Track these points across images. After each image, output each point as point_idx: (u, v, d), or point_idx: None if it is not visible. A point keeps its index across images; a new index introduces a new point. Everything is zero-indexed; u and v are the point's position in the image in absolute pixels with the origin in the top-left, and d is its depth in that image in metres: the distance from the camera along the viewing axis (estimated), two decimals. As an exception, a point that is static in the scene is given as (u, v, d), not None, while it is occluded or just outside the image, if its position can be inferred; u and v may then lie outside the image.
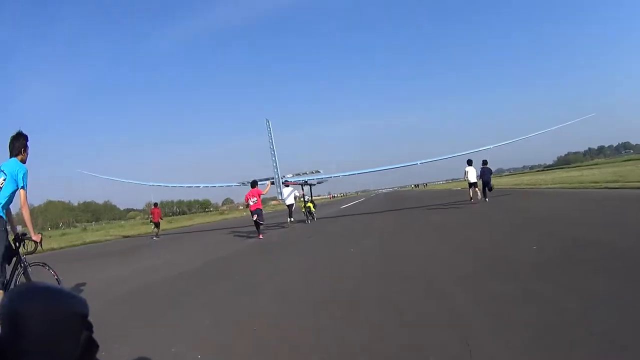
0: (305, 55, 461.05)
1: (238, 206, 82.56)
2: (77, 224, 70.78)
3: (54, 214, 70.73)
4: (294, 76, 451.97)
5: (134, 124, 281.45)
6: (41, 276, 3.87)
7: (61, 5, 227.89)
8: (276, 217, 21.36)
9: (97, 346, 0.52)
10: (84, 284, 5.97)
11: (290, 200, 14.63)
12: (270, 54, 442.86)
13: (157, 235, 15.96)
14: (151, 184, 20.28)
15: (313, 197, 16.26)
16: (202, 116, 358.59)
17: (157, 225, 15.98)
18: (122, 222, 63.80)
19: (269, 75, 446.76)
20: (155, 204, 16.77)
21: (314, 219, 14.89)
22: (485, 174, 13.45)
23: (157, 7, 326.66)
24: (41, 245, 3.66)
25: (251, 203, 10.69)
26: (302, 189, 15.53)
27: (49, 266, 4.12)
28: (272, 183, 13.62)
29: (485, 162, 13.76)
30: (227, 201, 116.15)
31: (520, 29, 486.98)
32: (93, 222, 73.30)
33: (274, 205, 59.30)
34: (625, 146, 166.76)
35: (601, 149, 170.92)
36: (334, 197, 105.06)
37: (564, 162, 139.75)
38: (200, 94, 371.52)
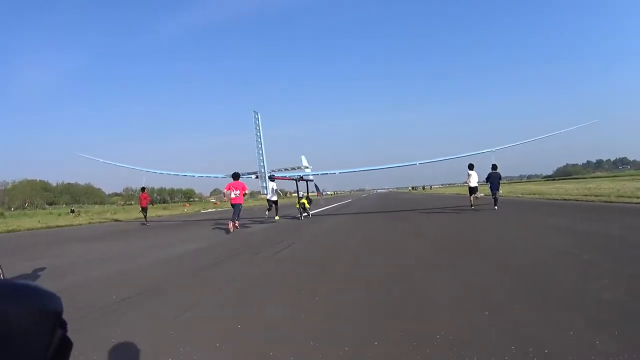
0: (303, 53, 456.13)
1: (210, 198, 77.91)
2: (47, 206, 66.18)
3: (22, 194, 65.72)
4: (287, 73, 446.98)
5: (126, 116, 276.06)
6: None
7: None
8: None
9: (71, 344, 0.46)
10: None
11: (274, 197, 14.23)
12: (264, 50, 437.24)
13: (146, 221, 15.70)
14: (146, 170, 19.74)
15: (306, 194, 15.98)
16: (197, 108, 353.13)
17: (144, 210, 15.60)
18: (69, 207, 54.92)
19: (262, 70, 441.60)
20: (143, 189, 16.57)
21: (309, 215, 14.63)
22: (492, 179, 12.45)
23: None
24: None
25: (233, 196, 10.57)
26: (297, 184, 15.17)
27: None
28: (257, 177, 13.43)
29: (494, 167, 12.69)
30: (215, 192, 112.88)
31: (532, 34, 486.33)
32: (64, 205, 68.61)
33: (262, 198, 54.49)
34: (622, 161, 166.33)
35: (600, 163, 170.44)
36: (324, 195, 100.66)
37: (564, 173, 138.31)
38: (193, 87, 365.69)
